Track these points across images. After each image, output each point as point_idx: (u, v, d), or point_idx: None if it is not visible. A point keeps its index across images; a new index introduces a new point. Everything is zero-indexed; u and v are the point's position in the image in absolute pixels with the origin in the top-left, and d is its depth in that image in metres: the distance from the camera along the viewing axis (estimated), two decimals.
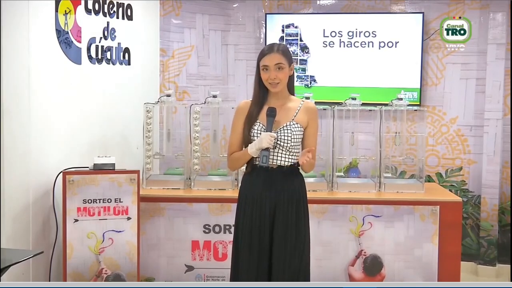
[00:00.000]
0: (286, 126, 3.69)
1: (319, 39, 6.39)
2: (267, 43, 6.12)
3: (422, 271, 4.88)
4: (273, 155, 3.68)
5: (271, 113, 3.66)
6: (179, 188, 5.06)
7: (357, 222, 4.87)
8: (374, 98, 6.08)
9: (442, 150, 6.35)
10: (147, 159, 5.16)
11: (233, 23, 6.58)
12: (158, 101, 5.25)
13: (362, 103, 5.24)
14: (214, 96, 5.16)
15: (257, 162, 3.67)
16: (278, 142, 3.66)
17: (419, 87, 6.20)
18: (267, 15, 6.46)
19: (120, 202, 4.50)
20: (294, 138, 3.67)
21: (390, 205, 4.88)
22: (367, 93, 6.08)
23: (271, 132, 3.62)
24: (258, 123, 3.69)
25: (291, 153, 3.70)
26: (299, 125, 3.72)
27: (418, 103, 6.15)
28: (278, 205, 3.67)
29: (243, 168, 3.88)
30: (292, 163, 3.71)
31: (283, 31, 6.38)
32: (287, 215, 3.68)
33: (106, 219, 4.48)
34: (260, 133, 3.64)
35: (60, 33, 4.65)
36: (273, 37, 6.31)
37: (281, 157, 3.69)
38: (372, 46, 6.30)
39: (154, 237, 4.85)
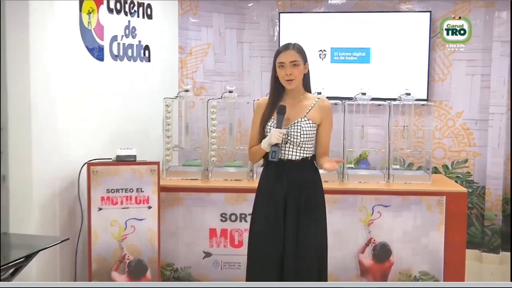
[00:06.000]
0: (297, 122, 3.71)
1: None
2: (281, 41, 6.22)
3: (429, 259, 4.90)
4: (285, 150, 3.71)
5: (281, 110, 3.69)
6: (197, 179, 5.10)
7: (367, 211, 4.90)
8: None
9: (448, 143, 6.36)
10: (167, 151, 5.21)
11: (248, 21, 6.60)
12: (177, 96, 5.30)
13: (372, 98, 5.29)
14: (230, 92, 5.20)
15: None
16: (289, 138, 3.70)
17: (426, 83, 6.22)
18: (281, 13, 6.48)
19: (141, 191, 4.55)
20: (304, 134, 3.70)
21: (398, 195, 4.91)
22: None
23: (280, 128, 3.66)
24: (272, 120, 3.72)
25: (302, 148, 3.72)
26: (311, 122, 3.73)
27: (426, 98, 6.16)
28: (289, 195, 3.70)
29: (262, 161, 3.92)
30: (303, 157, 3.74)
31: None
32: (298, 204, 3.71)
33: (128, 207, 4.53)
34: (270, 129, 3.70)
35: (84, 31, 4.69)
36: (286, 35, 6.33)
37: (292, 152, 3.72)
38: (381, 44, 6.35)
39: (174, 225, 4.91)
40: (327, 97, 5.19)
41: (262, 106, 3.82)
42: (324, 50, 6.42)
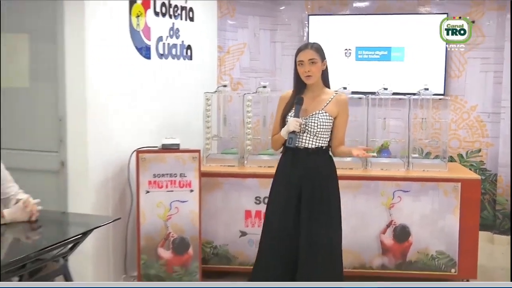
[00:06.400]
0: (315, 114, 3.74)
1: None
2: (310, 41, 6.20)
3: (445, 240, 4.87)
4: (302, 139, 3.74)
5: (299, 101, 3.74)
6: (234, 166, 5.11)
7: (388, 196, 4.88)
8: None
9: (463, 134, 6.30)
10: (207, 141, 5.23)
11: (280, 23, 6.59)
12: (216, 91, 5.31)
13: (393, 93, 5.26)
14: (264, 87, 5.20)
15: None
16: (307, 127, 3.72)
17: (443, 79, 6.16)
18: (310, 16, 6.46)
19: (184, 176, 4.57)
20: (320, 125, 3.72)
21: (417, 181, 4.88)
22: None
23: (298, 117, 3.69)
24: (292, 111, 3.75)
25: (318, 138, 3.75)
26: (327, 114, 3.75)
27: (443, 93, 6.10)
28: (304, 179, 3.74)
29: None
30: (318, 146, 3.76)
31: None
32: (312, 194, 3.73)
33: (172, 191, 4.55)
34: (290, 118, 3.73)
35: (133, 32, 4.73)
36: (315, 35, 6.32)
37: (308, 140, 3.75)
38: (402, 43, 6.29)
39: (213, 206, 4.91)
40: (352, 92, 5.24)
41: (285, 98, 3.87)
42: (349, 49, 6.39)
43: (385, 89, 5.23)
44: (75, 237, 3.47)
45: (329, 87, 3.88)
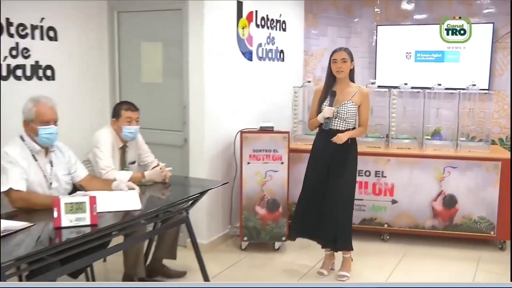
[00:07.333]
0: (344, 104, 3.88)
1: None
2: (378, 46, 6.11)
3: (486, 207, 4.74)
4: (334, 123, 3.89)
5: (333, 94, 3.89)
6: None
7: (439, 171, 4.77)
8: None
9: (503, 122, 5.97)
10: (294, 124, 5.28)
11: (353, 32, 6.47)
12: (302, 86, 5.35)
13: (445, 88, 5.13)
14: None
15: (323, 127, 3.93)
16: (338, 114, 3.88)
17: (488, 77, 5.88)
18: (378, 26, 6.32)
19: (276, 152, 4.62)
20: (348, 112, 3.88)
21: (464, 160, 4.75)
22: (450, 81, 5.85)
23: (332, 106, 3.85)
24: (326, 101, 3.90)
25: (346, 122, 3.91)
26: (353, 104, 3.89)
27: (487, 88, 5.84)
28: (333, 155, 3.92)
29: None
30: (346, 128, 3.91)
31: None
32: (338, 162, 3.92)
33: (267, 163, 4.61)
34: (325, 107, 3.88)
35: (239, 40, 4.82)
36: (382, 42, 6.20)
37: (339, 124, 3.91)
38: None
39: (298, 175, 4.85)
40: (411, 87, 5.15)
41: (319, 91, 4.05)
42: (409, 52, 6.20)
43: (439, 85, 5.10)
44: (194, 196, 3.62)
45: (354, 83, 4.00)
